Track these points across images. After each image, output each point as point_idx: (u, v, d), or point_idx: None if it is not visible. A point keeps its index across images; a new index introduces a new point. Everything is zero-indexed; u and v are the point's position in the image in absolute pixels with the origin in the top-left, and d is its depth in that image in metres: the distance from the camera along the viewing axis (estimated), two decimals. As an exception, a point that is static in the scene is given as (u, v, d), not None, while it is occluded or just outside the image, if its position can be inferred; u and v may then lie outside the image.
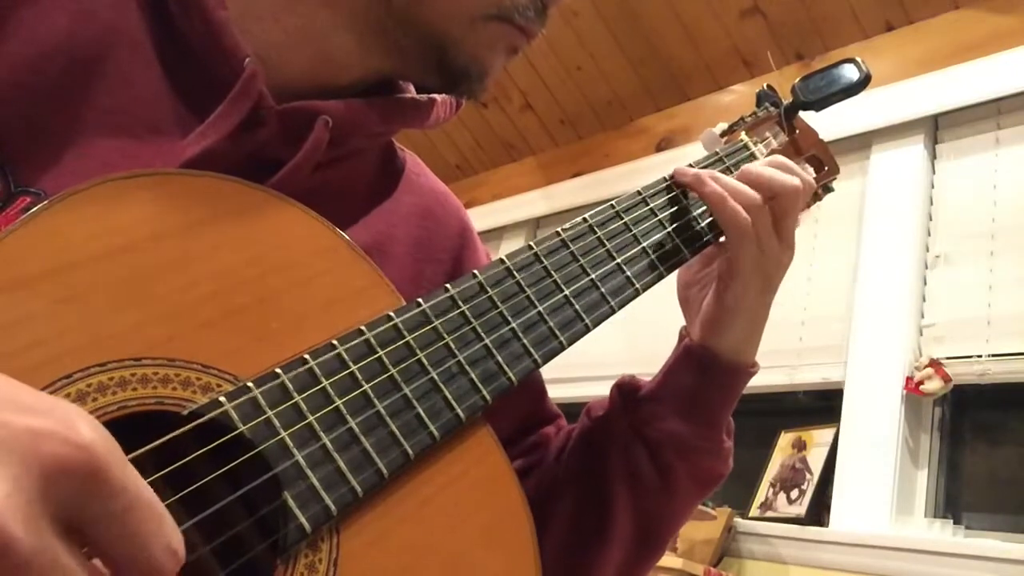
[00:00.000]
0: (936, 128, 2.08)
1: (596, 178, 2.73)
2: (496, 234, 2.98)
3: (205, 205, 0.47)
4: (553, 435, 0.74)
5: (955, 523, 1.72)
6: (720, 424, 0.69)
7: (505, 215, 2.98)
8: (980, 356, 1.76)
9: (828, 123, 0.80)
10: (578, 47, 2.64)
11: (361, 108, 0.60)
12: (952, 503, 1.79)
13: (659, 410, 0.67)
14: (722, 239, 0.68)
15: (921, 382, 1.77)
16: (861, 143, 2.12)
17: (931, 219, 1.98)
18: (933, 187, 2.02)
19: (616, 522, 0.67)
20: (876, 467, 1.76)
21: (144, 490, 0.31)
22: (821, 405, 2.03)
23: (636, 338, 2.12)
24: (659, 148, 2.63)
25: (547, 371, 0.59)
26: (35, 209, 0.41)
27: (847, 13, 2.21)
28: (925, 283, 1.93)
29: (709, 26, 2.42)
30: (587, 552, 0.68)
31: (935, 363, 1.77)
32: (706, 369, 0.68)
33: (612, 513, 0.67)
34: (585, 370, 2.03)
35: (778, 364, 2.03)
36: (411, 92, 0.66)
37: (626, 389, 0.70)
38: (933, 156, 2.06)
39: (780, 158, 0.70)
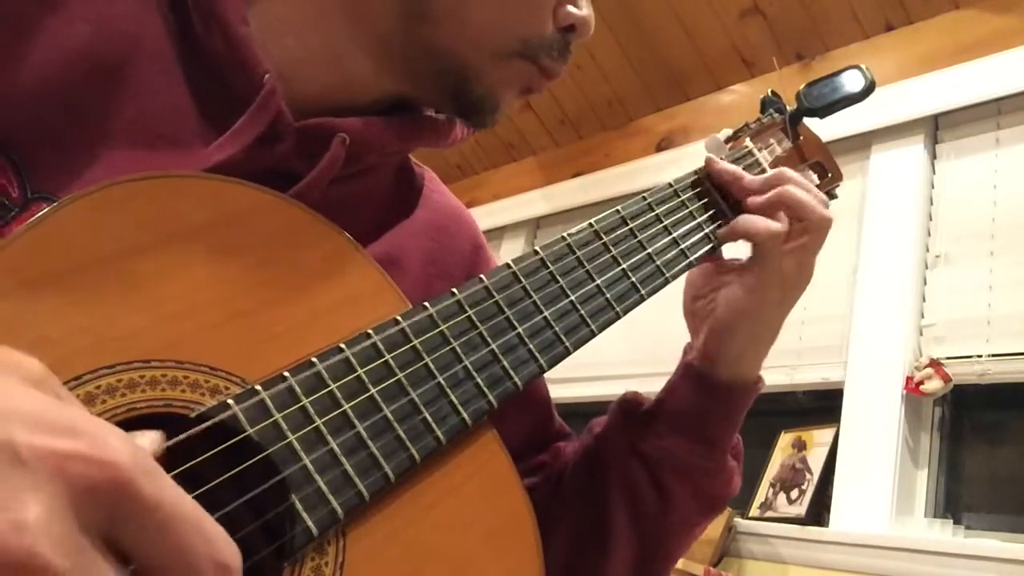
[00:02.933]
0: (936, 128, 2.07)
1: (596, 178, 2.73)
2: (496, 234, 2.98)
3: (212, 208, 0.47)
4: (560, 452, 0.73)
5: (955, 523, 1.72)
6: (721, 443, 0.67)
7: (505, 215, 2.97)
8: (980, 356, 1.76)
9: (828, 123, 0.80)
10: (578, 47, 2.63)
11: (379, 126, 0.60)
12: (952, 503, 1.79)
13: (658, 427, 0.67)
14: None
15: (921, 382, 1.77)
16: (861, 143, 2.12)
17: (931, 219, 1.98)
18: (933, 187, 2.02)
19: (617, 541, 0.66)
20: (876, 467, 1.76)
21: (183, 504, 0.30)
22: (821, 405, 2.03)
23: (638, 340, 2.12)
24: (659, 148, 2.63)
25: (548, 371, 0.59)
26: (44, 211, 0.41)
27: (847, 13, 2.21)
28: (925, 283, 1.93)
29: (709, 26, 2.41)
30: (589, 572, 0.67)
31: (935, 363, 1.77)
32: (705, 386, 0.67)
33: (612, 532, 0.66)
34: (586, 371, 2.04)
35: (778, 364, 2.03)
36: (430, 111, 0.66)
37: (627, 406, 0.69)
38: (933, 156, 2.05)
39: (798, 178, 0.69)
